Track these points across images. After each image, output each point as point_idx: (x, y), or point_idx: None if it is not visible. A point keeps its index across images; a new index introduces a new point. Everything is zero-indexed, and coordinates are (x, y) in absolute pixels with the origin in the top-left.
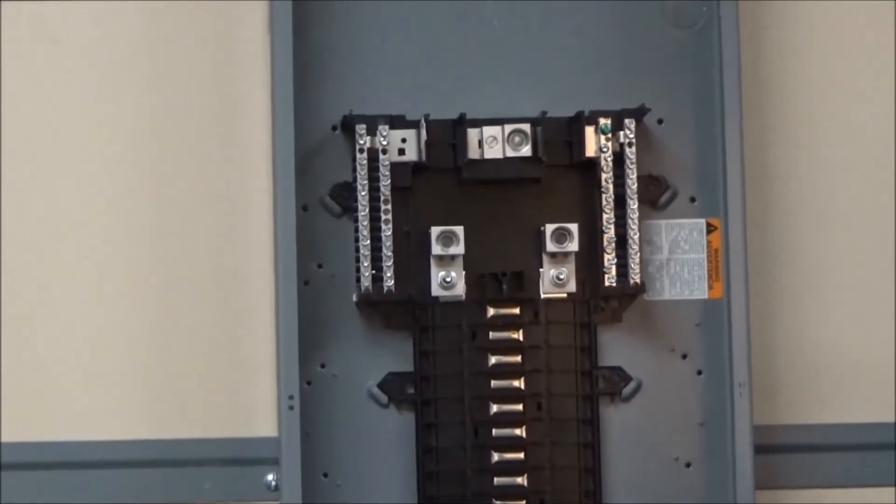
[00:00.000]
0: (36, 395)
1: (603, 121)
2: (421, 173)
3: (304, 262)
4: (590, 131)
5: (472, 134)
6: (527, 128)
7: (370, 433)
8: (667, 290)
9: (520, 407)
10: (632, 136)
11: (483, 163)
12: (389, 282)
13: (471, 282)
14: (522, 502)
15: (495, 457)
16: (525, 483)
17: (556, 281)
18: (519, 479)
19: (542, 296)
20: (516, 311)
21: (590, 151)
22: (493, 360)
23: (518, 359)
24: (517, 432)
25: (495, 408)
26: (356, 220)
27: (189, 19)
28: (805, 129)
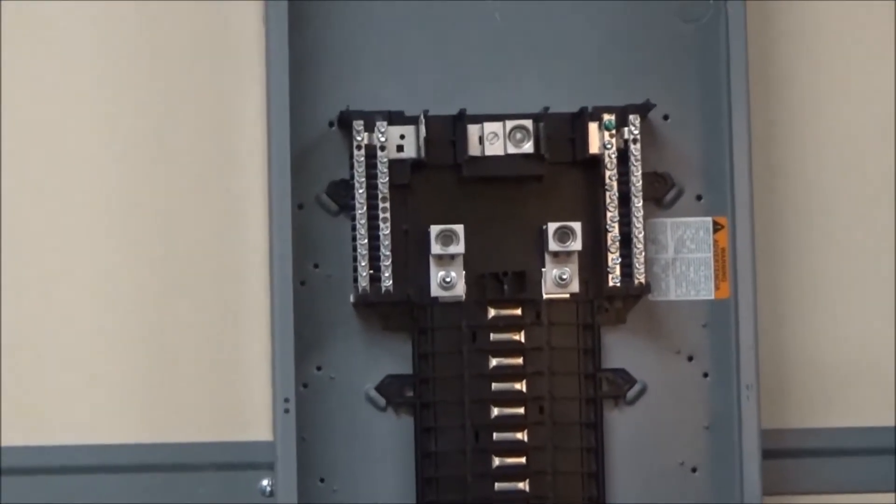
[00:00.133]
0: (28, 400)
1: (607, 117)
2: (420, 171)
3: (301, 262)
4: (593, 127)
5: (473, 130)
6: (529, 124)
7: (368, 437)
8: (672, 291)
9: (521, 410)
10: (636, 132)
11: (484, 160)
12: (387, 282)
13: (471, 282)
14: None
15: (496, 461)
16: (527, 489)
17: (558, 281)
18: (520, 485)
19: (545, 296)
20: (518, 311)
21: (593, 148)
22: (493, 362)
23: (520, 361)
24: (519, 436)
25: (496, 411)
26: (353, 218)
27: (183, 15)
28: (814, 125)
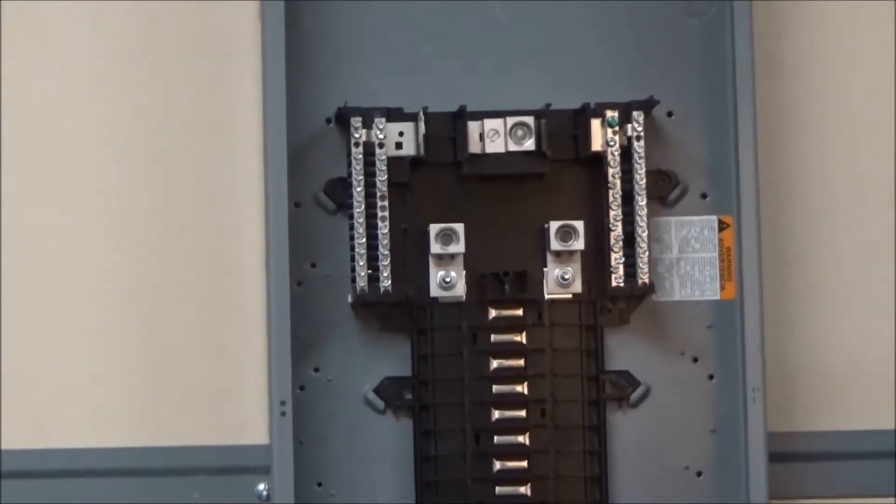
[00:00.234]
0: (20, 404)
1: (610, 113)
2: (419, 168)
3: (297, 262)
4: (596, 124)
5: (473, 127)
6: (530, 121)
7: (366, 440)
8: (677, 291)
9: (523, 413)
10: (640, 129)
11: (484, 157)
12: (386, 282)
13: (471, 282)
14: None
15: (497, 465)
16: (528, 493)
17: (560, 281)
18: (522, 489)
19: (546, 296)
20: (519, 312)
21: (596, 145)
22: (494, 363)
23: (521, 362)
24: (520, 440)
25: (497, 414)
26: (351, 217)
27: (180, 13)
28: (822, 122)
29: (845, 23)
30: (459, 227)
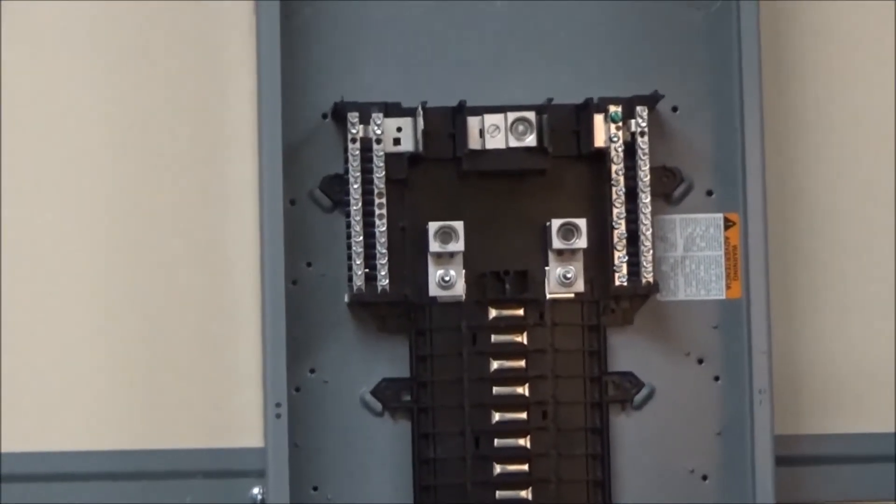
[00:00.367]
0: (15, 407)
1: (613, 108)
2: (417, 165)
3: (293, 261)
4: (599, 120)
5: (473, 122)
6: (531, 116)
7: (363, 443)
8: (681, 290)
9: (524, 415)
10: (644, 124)
11: (484, 153)
12: (384, 281)
13: (471, 281)
14: None
15: (497, 469)
16: (529, 497)
17: (562, 280)
18: (523, 493)
19: (548, 296)
20: (520, 312)
21: (599, 141)
22: (494, 364)
23: (522, 363)
24: (521, 443)
25: (497, 416)
26: (348, 214)
27: (175, 7)
28: (830, 117)
29: (858, 13)
30: (459, 225)
